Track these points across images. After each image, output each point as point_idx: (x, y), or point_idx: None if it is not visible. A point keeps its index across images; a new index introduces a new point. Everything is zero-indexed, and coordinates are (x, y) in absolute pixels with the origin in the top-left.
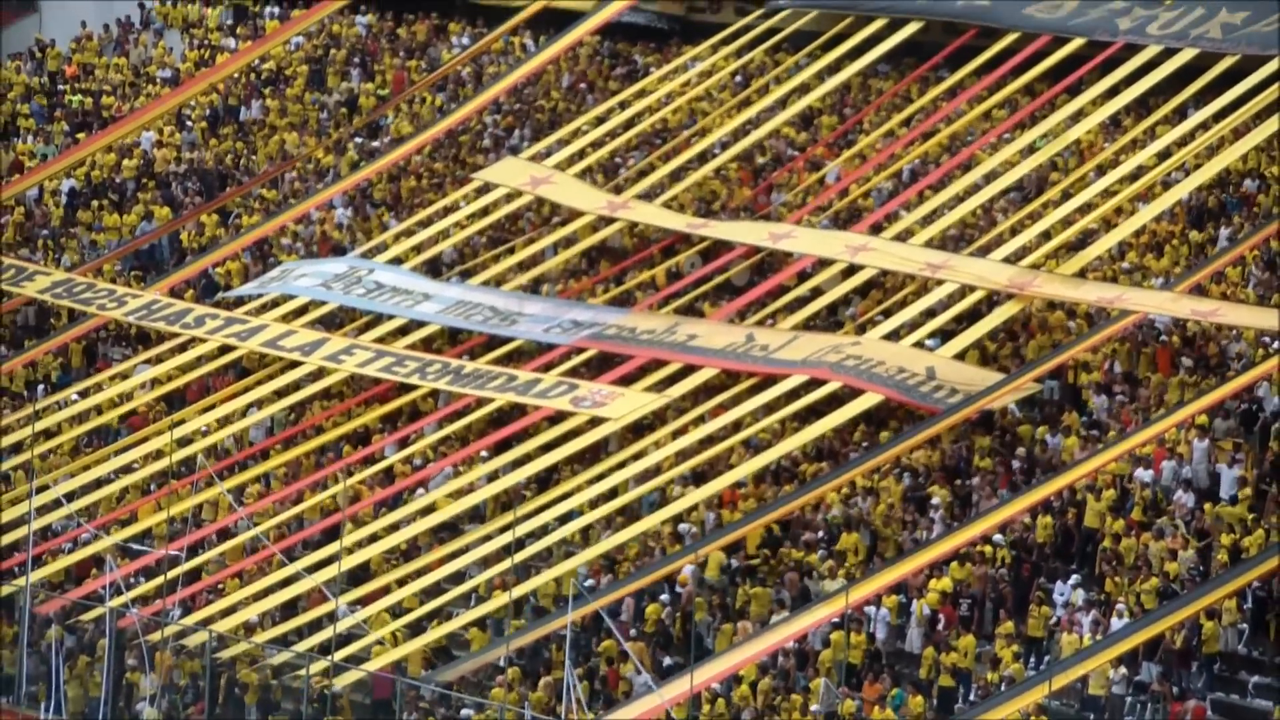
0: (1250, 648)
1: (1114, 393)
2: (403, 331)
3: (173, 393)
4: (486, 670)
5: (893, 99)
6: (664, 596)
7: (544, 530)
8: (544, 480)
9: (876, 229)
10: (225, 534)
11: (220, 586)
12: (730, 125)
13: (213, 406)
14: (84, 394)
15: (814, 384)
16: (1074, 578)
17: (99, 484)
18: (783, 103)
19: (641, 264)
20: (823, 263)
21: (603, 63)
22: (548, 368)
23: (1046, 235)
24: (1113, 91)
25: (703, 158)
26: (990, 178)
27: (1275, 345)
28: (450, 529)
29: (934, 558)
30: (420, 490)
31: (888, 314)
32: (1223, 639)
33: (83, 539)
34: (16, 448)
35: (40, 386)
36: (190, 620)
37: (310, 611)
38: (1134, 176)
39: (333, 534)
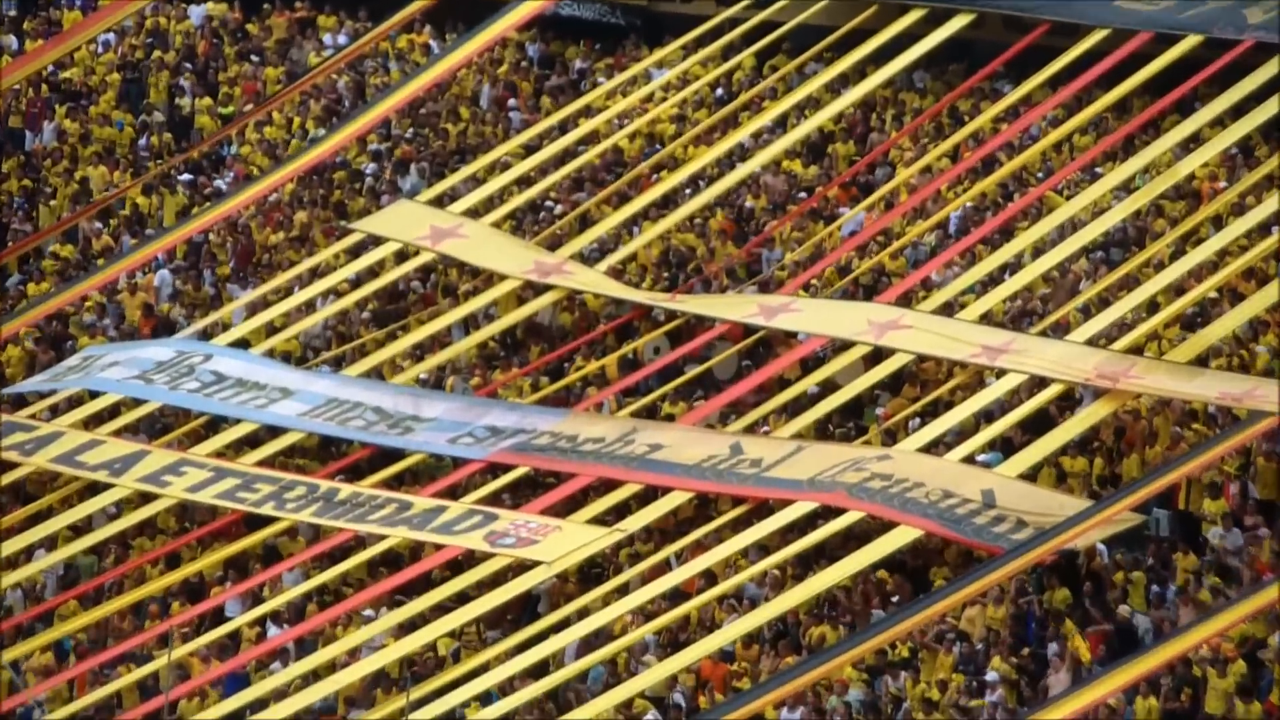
0: None
1: (1245, 526)
2: (252, 442)
3: None
4: None
5: (934, 121)
6: None
7: None
8: (450, 649)
9: (911, 299)
10: None
11: None
12: (709, 156)
13: None
14: None
15: (825, 514)
16: None
17: None
18: (782, 124)
19: (586, 349)
20: (837, 346)
21: (533, 70)
22: (455, 493)
23: (1150, 308)
24: (1240, 110)
25: (670, 201)
26: (1069, 229)
27: None
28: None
29: None
30: (276, 664)
31: (928, 417)
32: None
33: None
34: None
35: None
36: None
37: None
38: (1269, 227)
39: None
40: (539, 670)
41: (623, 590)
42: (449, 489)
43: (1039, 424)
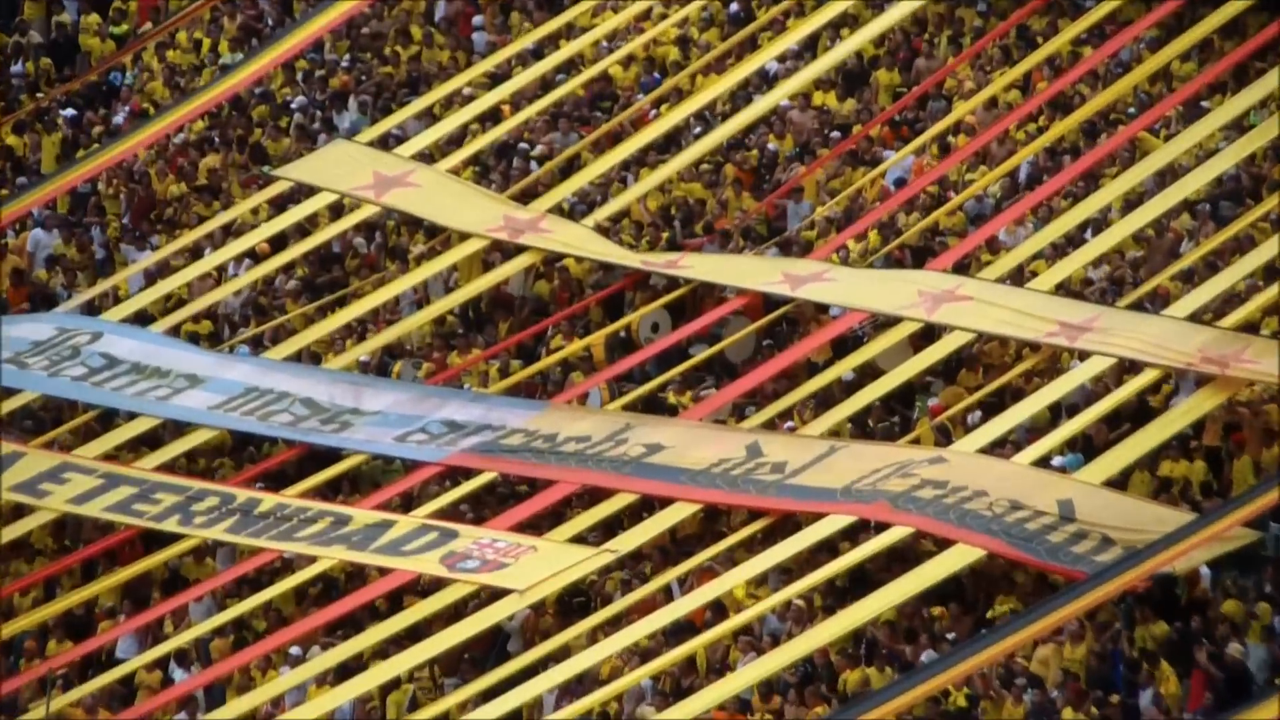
0: None
1: None
2: (152, 442)
3: None
4: None
5: (999, 43)
6: None
7: None
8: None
9: (971, 265)
10: None
11: None
12: (720, 86)
13: None
14: None
15: (864, 531)
16: None
17: None
18: (811, 47)
19: (568, 326)
20: (880, 323)
21: None
22: (407, 504)
23: (1268, 275)
24: None
25: (673, 143)
26: (1168, 178)
27: None
28: None
29: None
30: (181, 717)
31: (991, 410)
32: None
33: None
34: None
35: None
36: None
37: None
38: None
39: None
40: None
41: (613, 625)
42: (397, 499)
43: (1129, 419)
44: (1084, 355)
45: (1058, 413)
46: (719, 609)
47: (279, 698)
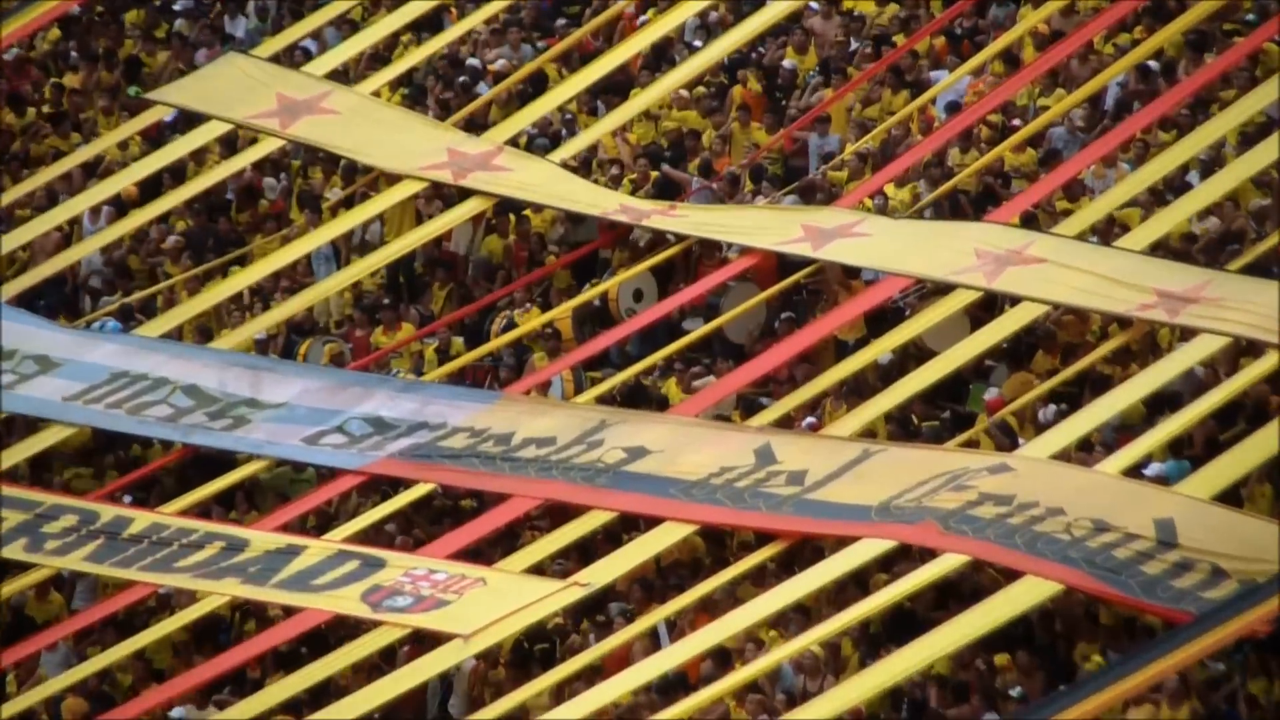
0: None
1: None
2: None
3: None
4: None
5: None
6: None
7: None
8: None
9: (1035, 219)
10: None
11: None
12: None
13: None
14: None
15: (905, 559)
16: None
17: None
18: None
19: (526, 294)
20: (926, 291)
21: None
22: (321, 524)
23: None
24: None
25: (662, 57)
26: None
27: None
28: None
29: None
30: None
31: (1070, 404)
32: None
33: None
34: None
35: None
36: None
37: None
38: None
39: None
40: None
41: (584, 679)
42: (308, 518)
43: (1247, 416)
44: (1188, 333)
45: (1155, 407)
46: (720, 659)
47: None
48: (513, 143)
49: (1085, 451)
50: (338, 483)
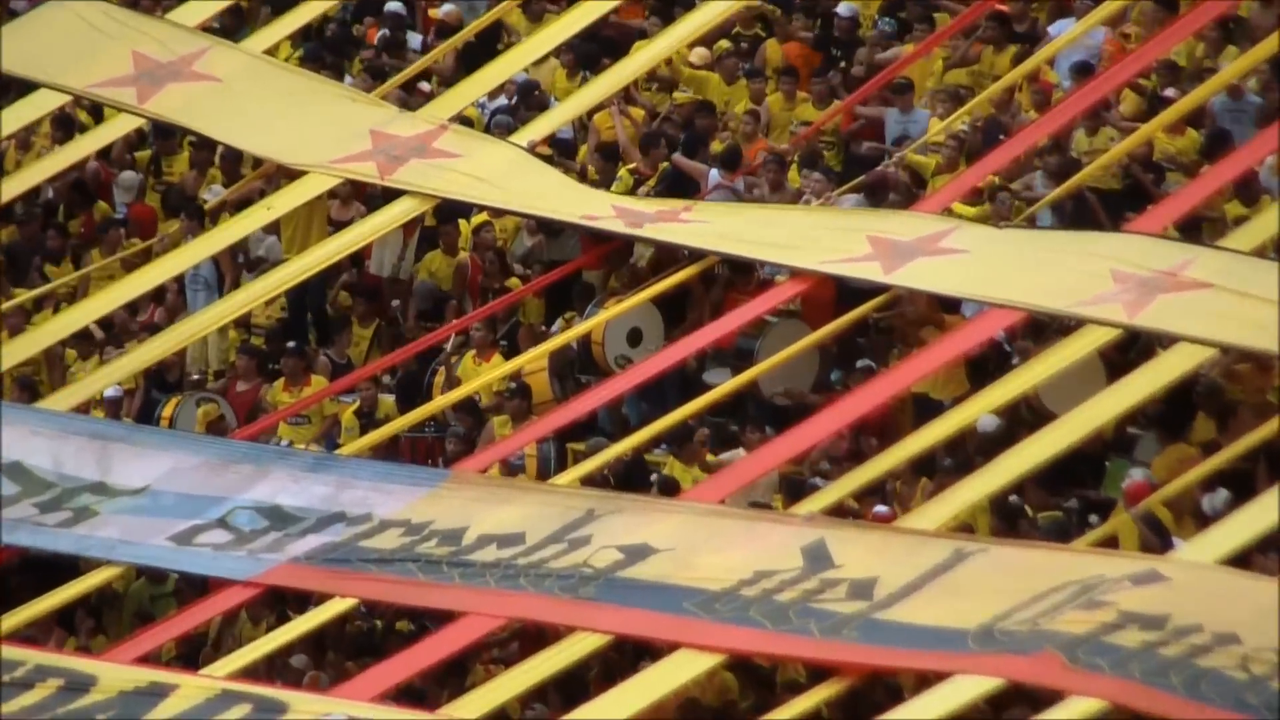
0: None
1: None
2: None
3: None
4: None
5: None
6: None
7: None
8: None
9: (1196, 228)
10: None
11: None
12: None
13: None
14: None
15: (1015, 702)
16: None
17: None
18: None
19: (483, 332)
20: (1044, 329)
21: None
22: (194, 653)
23: None
24: None
25: (675, 2)
26: None
27: None
28: None
29: None
30: None
31: (1242, 488)
32: None
33: None
34: None
35: None
36: None
37: None
38: None
39: None
40: None
41: None
42: (178, 646)
43: None
44: None
45: None
46: None
47: None
48: (462, 120)
49: (1265, 554)
50: (220, 597)
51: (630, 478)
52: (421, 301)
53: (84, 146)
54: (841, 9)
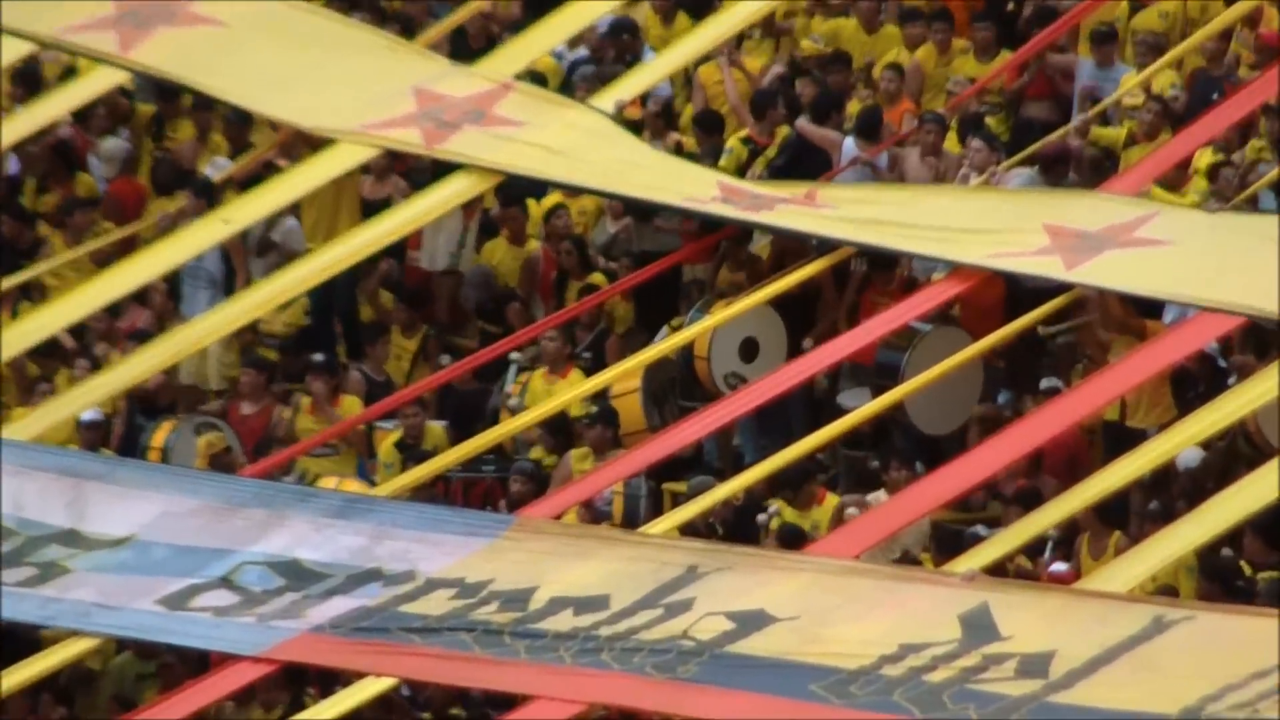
0: None
1: None
2: None
3: None
4: None
5: None
6: None
7: None
8: None
9: None
10: None
11: None
12: None
13: None
14: None
15: None
16: None
17: None
18: None
19: (556, 343)
20: (1265, 340)
21: None
22: None
23: None
24: None
25: None
26: None
27: None
28: None
29: None
30: None
31: None
32: None
33: None
34: None
35: None
36: None
37: None
38: None
39: None
40: None
41: None
42: None
43: None
44: None
45: None
46: None
47: None
48: (532, 77)
49: None
50: (223, 675)
51: (743, 527)
52: (480, 302)
53: (52, 107)
54: None
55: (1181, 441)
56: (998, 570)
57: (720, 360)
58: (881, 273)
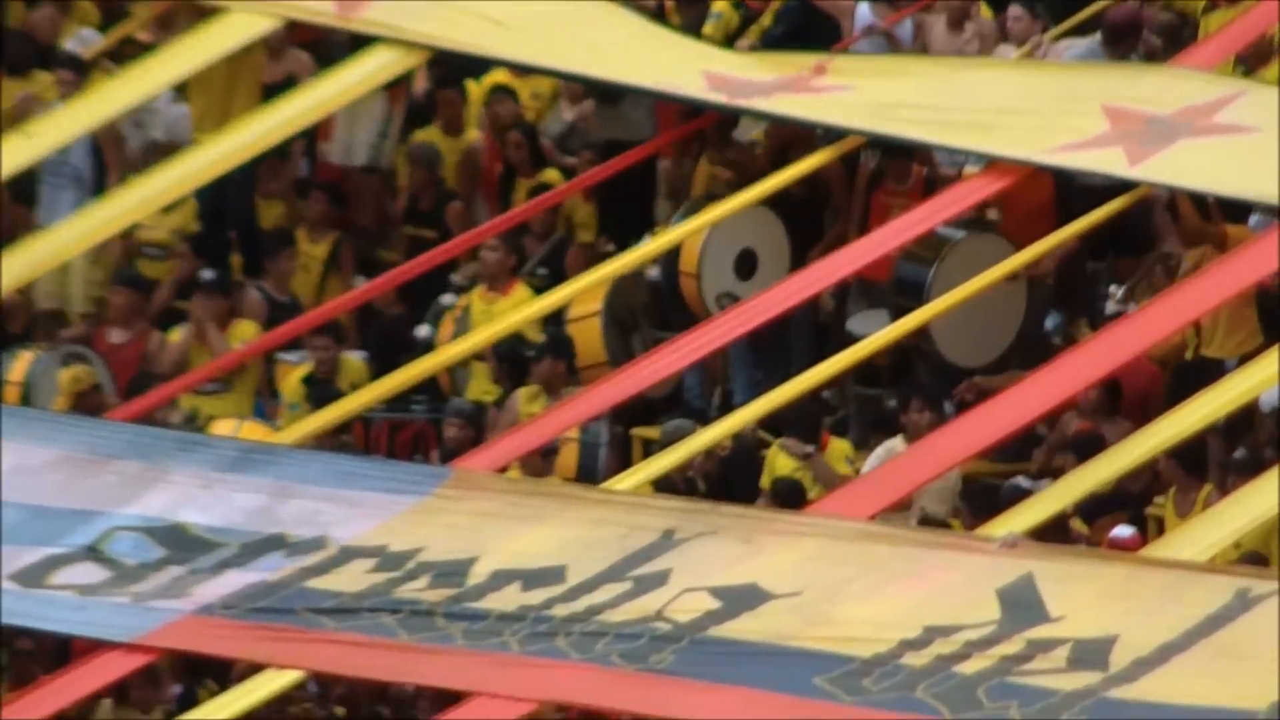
0: None
1: None
2: None
3: None
4: None
5: None
6: None
7: None
8: None
9: None
10: None
11: None
12: None
13: None
14: None
15: None
16: None
17: None
18: None
19: (498, 254)
20: None
21: None
22: None
23: None
24: None
25: None
26: None
27: None
28: None
29: None
30: None
31: None
32: None
33: None
34: None
35: None
36: None
37: None
38: None
39: None
40: None
41: None
42: None
43: None
44: None
45: None
46: None
47: None
48: None
49: None
50: (90, 667)
51: (731, 481)
52: (411, 202)
53: None
54: None
55: (1269, 377)
56: (1047, 535)
57: (711, 275)
58: (898, 167)
